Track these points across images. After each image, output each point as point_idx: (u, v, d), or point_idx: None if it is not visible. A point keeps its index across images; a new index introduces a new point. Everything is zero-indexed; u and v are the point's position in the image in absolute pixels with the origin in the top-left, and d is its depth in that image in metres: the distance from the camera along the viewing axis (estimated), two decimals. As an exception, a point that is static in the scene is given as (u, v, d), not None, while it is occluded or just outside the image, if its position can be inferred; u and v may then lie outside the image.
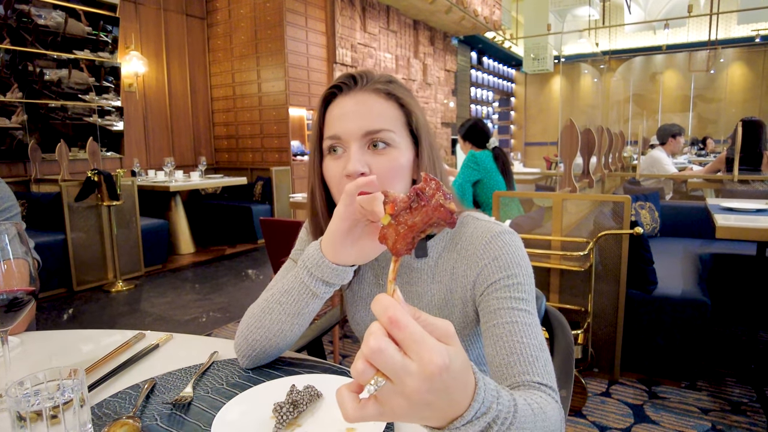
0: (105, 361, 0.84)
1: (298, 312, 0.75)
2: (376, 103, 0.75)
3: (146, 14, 5.57)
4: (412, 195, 0.41)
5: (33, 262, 0.71)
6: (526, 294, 0.73)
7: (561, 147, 2.60)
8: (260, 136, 6.09)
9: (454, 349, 0.38)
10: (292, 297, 0.74)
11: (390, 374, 0.36)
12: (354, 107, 0.74)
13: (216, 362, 0.83)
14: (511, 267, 0.74)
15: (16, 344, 0.94)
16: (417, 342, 0.36)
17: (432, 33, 8.42)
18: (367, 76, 0.77)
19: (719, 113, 11.57)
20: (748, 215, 2.25)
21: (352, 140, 0.73)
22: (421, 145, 0.78)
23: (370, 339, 0.36)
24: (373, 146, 0.74)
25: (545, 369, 0.65)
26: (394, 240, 0.41)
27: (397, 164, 0.75)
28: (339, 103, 0.76)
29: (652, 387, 2.19)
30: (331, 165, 0.76)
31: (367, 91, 0.76)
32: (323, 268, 0.71)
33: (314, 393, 0.69)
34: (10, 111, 4.39)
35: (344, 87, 0.77)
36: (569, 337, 0.98)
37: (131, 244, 4.26)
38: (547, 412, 0.55)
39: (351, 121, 0.74)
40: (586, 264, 2.16)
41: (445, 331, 0.38)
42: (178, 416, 0.67)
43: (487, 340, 0.70)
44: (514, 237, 0.78)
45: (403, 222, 0.41)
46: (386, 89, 0.76)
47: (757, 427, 1.88)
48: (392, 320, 0.36)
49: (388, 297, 0.38)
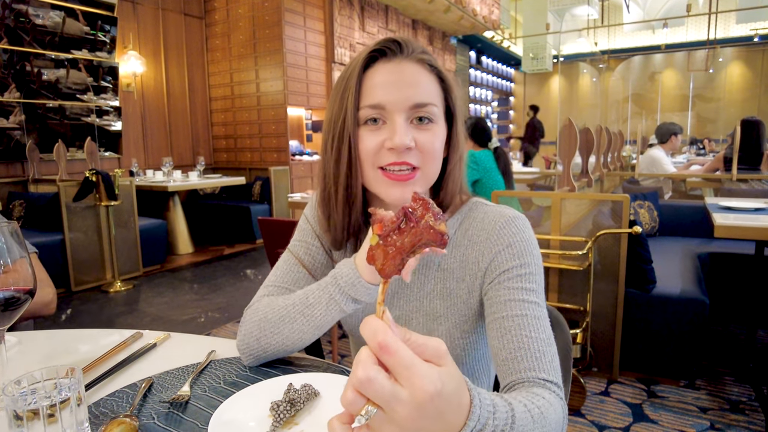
0: (102, 360, 0.84)
1: (322, 325, 0.74)
2: (421, 75, 0.71)
3: (144, 14, 5.57)
4: (401, 215, 0.39)
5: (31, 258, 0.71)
6: (536, 284, 0.71)
7: (560, 146, 2.60)
8: (259, 135, 6.09)
9: (447, 370, 0.37)
10: (319, 311, 0.72)
11: (381, 403, 0.35)
12: (400, 76, 0.69)
13: (213, 361, 0.82)
14: (524, 255, 0.72)
15: (13, 343, 0.94)
16: (407, 368, 0.35)
17: (431, 32, 8.42)
18: (410, 44, 0.72)
19: (718, 112, 11.59)
20: (747, 214, 2.25)
21: (397, 112, 0.68)
22: (456, 123, 0.75)
23: (359, 369, 0.35)
24: (417, 120, 0.70)
25: (551, 365, 0.65)
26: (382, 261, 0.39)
27: (439, 141, 0.71)
28: (381, 70, 0.70)
29: (651, 386, 2.19)
30: (368, 136, 0.70)
31: (413, 61, 0.71)
32: (357, 288, 0.68)
33: (312, 392, 0.69)
34: (8, 111, 4.38)
35: (388, 52, 0.71)
36: (567, 336, 0.98)
37: (129, 245, 4.25)
38: (548, 415, 0.54)
39: (398, 91, 0.68)
40: (584, 263, 2.17)
41: (436, 350, 0.37)
42: (176, 415, 0.67)
43: (493, 332, 0.69)
44: (527, 223, 0.76)
45: (391, 243, 0.39)
46: (429, 60, 0.72)
47: (756, 426, 1.88)
48: (382, 346, 0.35)
49: (378, 320, 0.37)
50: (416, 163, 0.70)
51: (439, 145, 0.72)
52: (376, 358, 0.36)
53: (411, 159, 0.69)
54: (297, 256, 0.85)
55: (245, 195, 5.83)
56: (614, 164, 4.90)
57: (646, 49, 11.90)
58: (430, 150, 0.70)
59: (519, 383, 0.64)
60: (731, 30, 10.81)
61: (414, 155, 0.70)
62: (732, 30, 10.81)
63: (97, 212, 3.99)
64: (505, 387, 0.66)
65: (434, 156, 0.71)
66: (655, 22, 11.00)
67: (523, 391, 0.60)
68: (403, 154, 0.68)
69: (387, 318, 0.37)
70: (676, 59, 11.88)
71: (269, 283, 0.84)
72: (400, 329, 0.37)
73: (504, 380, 0.66)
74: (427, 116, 0.70)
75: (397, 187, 0.70)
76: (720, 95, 11.59)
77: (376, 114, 0.69)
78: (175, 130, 6.03)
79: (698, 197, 4.18)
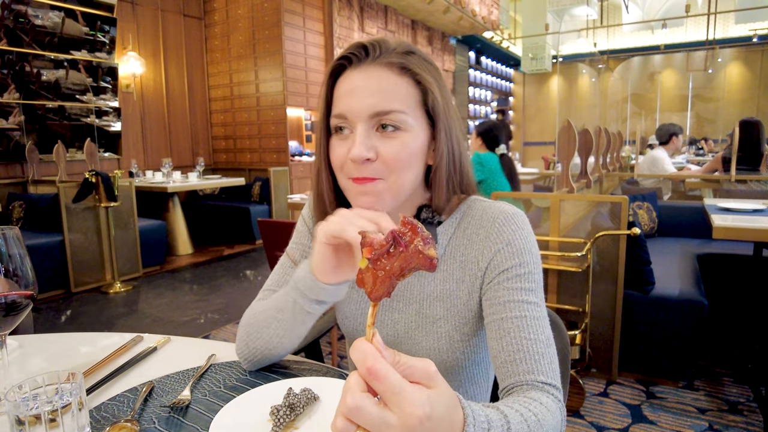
0: (103, 364, 0.85)
1: (294, 328, 0.74)
2: (387, 80, 0.67)
3: (143, 15, 5.57)
4: (390, 239, 0.39)
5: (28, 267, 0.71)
6: (535, 284, 0.71)
7: (558, 147, 2.61)
8: (258, 136, 6.09)
9: (436, 392, 0.37)
10: (287, 315, 0.73)
11: (371, 429, 0.36)
12: (362, 83, 0.67)
13: (214, 365, 0.83)
14: (523, 254, 0.71)
15: (14, 347, 0.94)
16: (396, 393, 0.35)
17: (430, 33, 8.42)
18: (381, 46, 0.69)
19: (717, 113, 11.60)
20: (745, 215, 2.25)
21: (358, 121, 0.66)
22: (438, 127, 0.71)
23: (348, 396, 0.36)
24: (381, 128, 0.67)
25: (550, 367, 0.65)
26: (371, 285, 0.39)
27: (407, 150, 0.67)
28: (347, 78, 0.68)
29: (650, 387, 2.19)
30: (336, 145, 0.69)
31: (379, 65, 0.67)
32: (316, 290, 0.68)
33: (311, 396, 0.69)
34: (8, 112, 4.38)
35: (354, 59, 0.68)
36: (565, 338, 0.98)
37: (129, 246, 4.26)
38: (545, 421, 0.55)
39: (358, 100, 0.66)
40: (583, 264, 2.17)
41: (425, 372, 0.38)
42: (176, 419, 0.67)
43: (492, 333, 0.69)
44: (526, 220, 0.75)
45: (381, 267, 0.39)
46: (401, 63, 0.68)
47: (754, 427, 1.88)
48: (371, 371, 0.35)
49: (367, 344, 0.37)
50: (378, 175, 0.67)
51: (408, 153, 0.67)
52: (365, 384, 0.36)
53: (371, 172, 0.67)
54: (294, 259, 0.86)
55: (245, 196, 5.83)
56: (613, 165, 4.91)
57: (645, 50, 11.91)
58: (393, 161, 0.67)
59: (517, 386, 0.64)
60: (730, 30, 10.82)
61: (376, 167, 0.67)
62: (731, 30, 10.82)
63: (96, 213, 4.00)
64: (504, 389, 0.66)
65: (401, 166, 0.67)
66: (654, 22, 11.01)
67: (521, 397, 0.60)
68: (362, 166, 0.66)
69: (377, 341, 0.37)
70: (675, 59, 11.88)
71: (266, 287, 0.85)
72: (389, 352, 0.37)
73: (503, 382, 0.66)
74: (392, 124, 0.66)
75: (364, 197, 0.68)
76: (719, 95, 11.60)
77: (342, 123, 0.68)
78: (175, 131, 6.03)
79: (697, 198, 4.18)
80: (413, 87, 0.69)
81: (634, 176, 4.43)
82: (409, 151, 0.68)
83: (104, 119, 5.18)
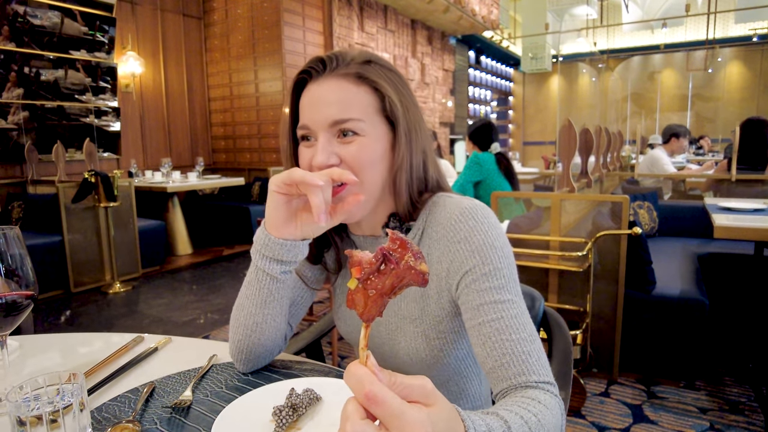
0: (104, 365, 0.84)
1: (264, 300, 0.74)
2: (344, 90, 0.71)
3: (143, 14, 5.56)
4: (380, 257, 0.38)
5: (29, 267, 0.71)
6: (505, 279, 0.69)
7: (559, 147, 2.60)
8: (258, 136, 6.08)
9: (436, 409, 0.37)
10: (254, 286, 0.74)
11: None
12: (321, 95, 0.71)
13: (215, 365, 0.82)
14: (484, 250, 0.70)
15: (14, 348, 0.94)
16: (397, 417, 0.35)
17: (430, 32, 8.42)
18: (338, 58, 0.72)
19: (717, 112, 11.61)
20: (746, 215, 2.25)
21: (319, 131, 0.71)
22: (398, 132, 0.73)
23: (347, 425, 0.35)
24: (342, 135, 0.71)
25: (539, 363, 0.64)
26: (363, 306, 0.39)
27: (366, 151, 0.71)
28: (308, 91, 0.73)
29: (651, 387, 2.19)
30: (303, 152, 0.74)
31: (336, 77, 0.71)
32: (271, 246, 0.70)
33: (313, 396, 0.69)
34: (6, 111, 4.38)
35: (313, 72, 0.73)
36: (567, 339, 0.98)
37: (128, 246, 4.25)
38: (546, 420, 0.54)
39: (318, 111, 0.71)
40: (584, 264, 2.17)
41: (423, 389, 0.37)
42: (178, 420, 0.67)
43: (474, 340, 0.68)
44: (487, 212, 0.74)
45: (372, 286, 0.38)
46: (357, 72, 0.71)
47: (755, 426, 1.88)
48: (369, 396, 0.35)
49: (362, 368, 0.37)
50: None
51: (369, 157, 0.71)
52: (363, 409, 0.36)
53: None
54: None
55: (244, 196, 5.83)
56: (613, 164, 4.90)
57: (645, 49, 11.92)
58: (356, 164, 0.70)
59: (511, 390, 0.63)
60: (730, 30, 10.82)
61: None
62: (731, 30, 10.82)
63: (96, 213, 3.99)
64: (498, 394, 0.65)
65: (364, 169, 0.71)
66: (654, 22, 11.02)
67: (518, 397, 0.60)
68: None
69: (371, 364, 0.37)
70: (675, 59, 11.89)
71: None
72: (385, 374, 0.37)
73: (495, 388, 0.66)
74: (351, 130, 0.70)
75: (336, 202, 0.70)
76: (719, 95, 11.61)
77: (306, 133, 0.73)
78: (174, 131, 6.03)
79: (698, 197, 4.18)
80: (371, 94, 0.72)
81: (635, 176, 4.43)
82: (368, 151, 0.71)
83: (103, 119, 5.18)
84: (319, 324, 1.20)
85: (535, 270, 2.31)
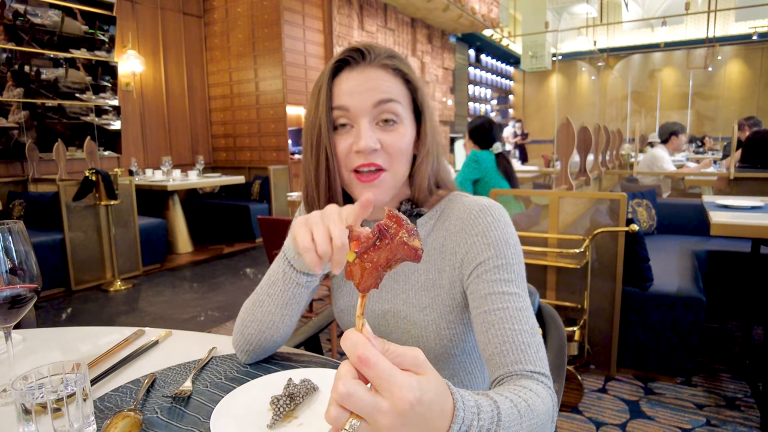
0: (106, 357, 0.86)
1: (287, 302, 0.76)
2: (384, 79, 0.74)
3: (143, 13, 5.57)
4: (376, 232, 0.41)
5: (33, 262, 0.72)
6: (515, 274, 0.72)
7: (557, 145, 2.62)
8: (258, 134, 6.10)
9: (426, 378, 0.39)
10: (278, 288, 0.76)
11: (363, 415, 0.37)
12: (363, 82, 0.73)
13: (215, 357, 0.84)
14: (498, 245, 0.73)
15: (18, 341, 0.95)
16: (386, 379, 0.36)
17: (430, 31, 8.42)
18: (373, 50, 0.76)
19: (717, 110, 11.60)
20: (743, 212, 2.26)
21: (361, 115, 0.73)
22: (424, 121, 0.78)
23: (339, 384, 0.37)
24: (383, 122, 0.74)
25: (537, 355, 0.66)
26: (360, 277, 0.41)
27: (405, 141, 0.75)
28: (347, 78, 0.74)
29: (648, 383, 2.21)
30: (339, 141, 0.75)
31: (375, 67, 0.74)
32: (299, 262, 0.72)
33: (311, 386, 0.70)
34: (7, 110, 4.39)
35: (352, 61, 0.75)
36: (562, 333, 0.99)
37: (129, 244, 4.27)
38: (536, 406, 0.55)
39: (359, 96, 0.73)
40: (582, 261, 2.18)
41: (414, 359, 0.39)
42: (178, 409, 0.68)
43: (478, 327, 0.70)
44: (503, 211, 0.78)
45: (368, 259, 0.41)
46: (393, 64, 0.76)
47: (751, 422, 1.90)
48: (361, 359, 0.37)
49: (357, 333, 0.38)
50: (383, 164, 0.74)
51: (405, 145, 0.75)
52: (356, 371, 0.38)
53: (378, 160, 0.73)
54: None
55: (244, 194, 5.84)
56: (613, 163, 4.92)
57: (645, 48, 11.91)
58: (395, 150, 0.74)
59: (507, 377, 0.65)
60: (730, 28, 10.82)
61: (380, 156, 0.74)
62: (731, 28, 10.82)
63: (96, 211, 4.01)
64: (494, 381, 0.67)
65: (400, 156, 0.75)
66: (654, 20, 11.01)
67: (511, 385, 0.61)
68: (369, 156, 0.73)
69: (366, 331, 0.39)
70: (675, 57, 11.88)
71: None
72: (379, 341, 0.39)
73: (492, 374, 0.68)
74: (391, 117, 0.74)
75: (368, 189, 0.74)
76: (719, 93, 11.60)
77: (344, 119, 0.74)
78: (175, 129, 6.04)
79: (696, 195, 4.19)
80: (403, 86, 0.77)
81: (634, 174, 4.44)
82: (406, 141, 0.75)
83: (104, 118, 5.19)
84: (318, 318, 1.22)
85: (533, 267, 2.32)
